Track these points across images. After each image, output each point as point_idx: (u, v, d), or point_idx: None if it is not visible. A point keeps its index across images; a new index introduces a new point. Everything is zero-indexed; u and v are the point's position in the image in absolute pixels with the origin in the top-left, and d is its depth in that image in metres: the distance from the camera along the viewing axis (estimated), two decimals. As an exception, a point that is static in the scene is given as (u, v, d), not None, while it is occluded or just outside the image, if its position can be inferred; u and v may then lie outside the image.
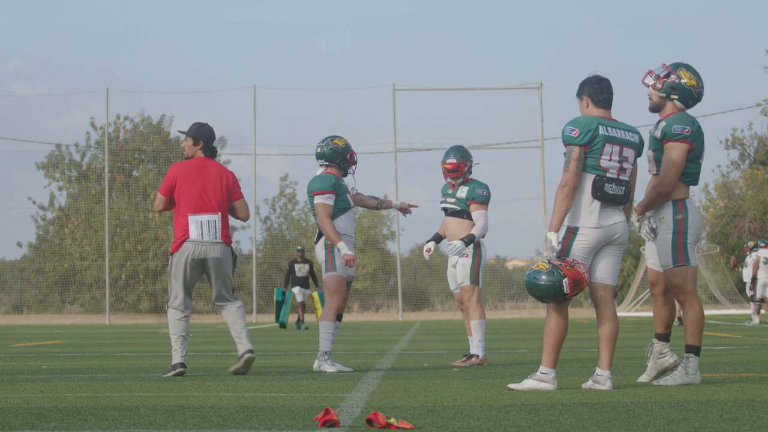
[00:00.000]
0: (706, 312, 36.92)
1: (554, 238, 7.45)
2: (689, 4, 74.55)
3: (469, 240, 10.81)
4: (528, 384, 7.53)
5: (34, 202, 44.41)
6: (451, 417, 5.93)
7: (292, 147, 67.29)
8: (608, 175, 7.50)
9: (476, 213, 10.92)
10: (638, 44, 73.08)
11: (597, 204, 7.51)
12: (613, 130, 7.55)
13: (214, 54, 73.90)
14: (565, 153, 7.56)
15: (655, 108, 8.07)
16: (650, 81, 8.06)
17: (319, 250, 10.04)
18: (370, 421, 5.50)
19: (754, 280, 26.22)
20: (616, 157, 7.52)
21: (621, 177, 7.55)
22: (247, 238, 43.42)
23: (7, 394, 7.56)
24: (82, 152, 44.45)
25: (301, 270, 26.76)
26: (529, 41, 74.35)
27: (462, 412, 6.15)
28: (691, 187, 8.14)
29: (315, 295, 24.62)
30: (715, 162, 57.52)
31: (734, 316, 32.63)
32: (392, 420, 5.49)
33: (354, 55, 75.96)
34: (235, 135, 74.84)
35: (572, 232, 7.51)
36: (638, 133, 7.70)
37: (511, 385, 7.62)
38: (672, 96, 7.99)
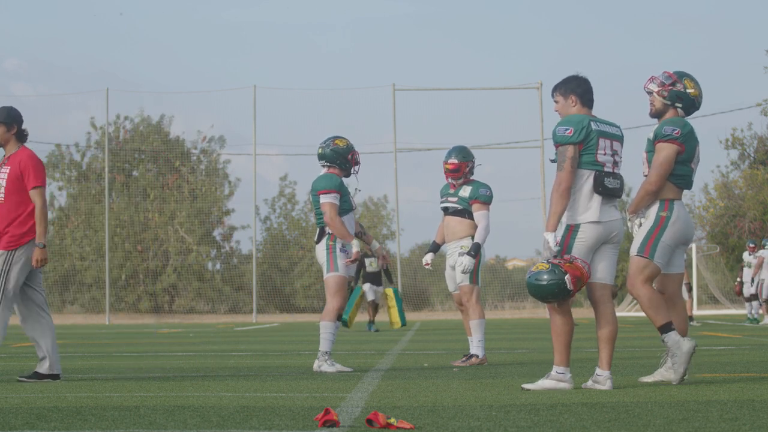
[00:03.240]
0: (706, 312, 36.96)
1: (551, 239, 7.46)
2: (689, 4, 74.56)
3: (476, 251, 10.79)
4: (546, 384, 7.51)
5: (34, 202, 44.38)
6: (451, 417, 5.93)
7: (292, 147, 67.29)
8: (605, 169, 7.55)
9: (478, 214, 10.90)
10: (638, 44, 73.09)
11: (597, 199, 7.54)
12: (602, 125, 7.63)
13: (214, 54, 73.89)
14: (556, 153, 7.59)
15: (657, 114, 8.19)
16: (655, 88, 8.14)
17: (320, 251, 10.02)
18: (370, 421, 5.50)
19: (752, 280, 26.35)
20: (609, 151, 7.60)
21: (615, 170, 7.63)
22: (247, 238, 43.41)
23: (7, 394, 7.56)
24: (82, 152, 44.45)
25: (372, 264, 24.13)
26: (529, 41, 74.36)
27: (462, 412, 6.15)
28: (686, 190, 8.19)
29: (389, 291, 23.17)
30: (715, 162, 57.51)
31: (734, 316, 32.64)
32: (392, 420, 5.49)
33: (354, 55, 75.97)
34: (235, 135, 74.77)
35: (573, 229, 7.53)
36: (619, 127, 7.77)
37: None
38: (677, 104, 8.11)
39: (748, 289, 26.48)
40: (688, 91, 8.14)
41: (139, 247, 42.82)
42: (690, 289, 24.56)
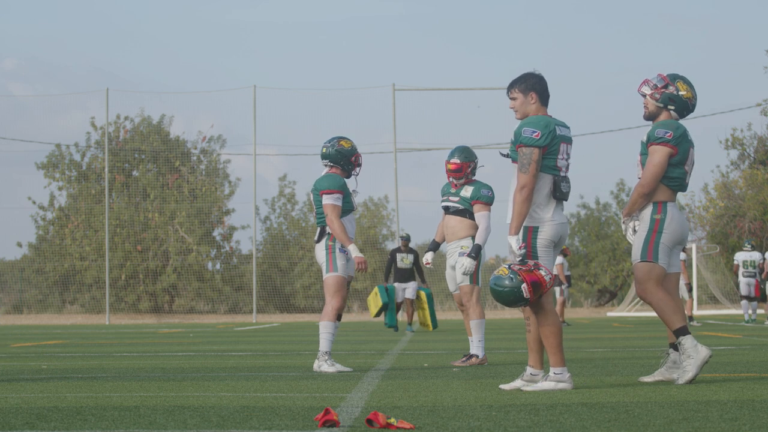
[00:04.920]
0: (706, 312, 36.97)
1: (515, 243, 7.49)
2: (689, 4, 74.55)
3: (476, 252, 10.80)
4: (546, 386, 7.51)
5: (34, 202, 44.40)
6: (451, 417, 5.94)
7: (291, 147, 67.27)
8: (561, 173, 7.62)
9: (479, 215, 10.90)
10: (637, 44, 73.07)
11: (553, 202, 7.62)
12: (562, 128, 7.70)
13: (214, 54, 73.86)
14: (512, 149, 7.62)
15: (651, 117, 8.24)
16: (647, 90, 8.19)
17: (320, 251, 10.02)
18: (370, 421, 5.50)
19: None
20: (565, 155, 7.68)
21: (567, 174, 7.70)
22: (247, 238, 43.40)
23: (7, 394, 7.56)
24: (82, 152, 44.43)
25: (404, 261, 23.20)
26: (528, 41, 74.34)
27: (462, 412, 6.15)
28: (682, 192, 8.22)
29: (422, 294, 22.31)
30: (715, 162, 57.55)
31: (734, 316, 32.66)
32: (392, 420, 5.49)
33: (354, 55, 75.94)
34: (235, 135, 74.75)
35: (532, 230, 7.56)
36: (569, 128, 7.82)
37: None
38: (669, 107, 8.15)
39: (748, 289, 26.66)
40: (680, 93, 8.16)
41: (139, 247, 42.82)
42: (690, 289, 24.61)
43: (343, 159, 10.10)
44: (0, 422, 5.87)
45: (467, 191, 10.99)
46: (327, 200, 9.91)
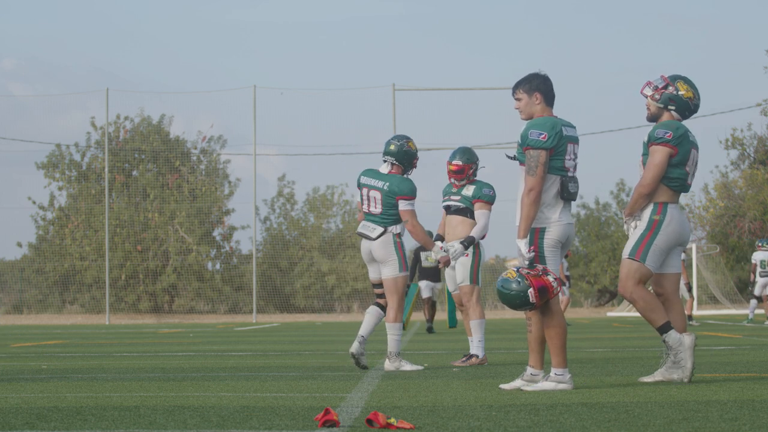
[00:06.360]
0: (706, 312, 36.98)
1: (524, 246, 7.49)
2: (689, 4, 74.55)
3: (469, 243, 10.80)
4: (546, 386, 7.52)
5: (34, 202, 44.39)
6: (451, 417, 5.94)
7: (291, 147, 67.24)
8: (569, 174, 7.62)
9: (479, 213, 10.92)
10: (637, 44, 73.08)
11: (561, 203, 7.63)
12: (568, 129, 7.70)
13: (214, 54, 73.86)
14: (519, 151, 7.61)
15: (653, 118, 8.26)
16: (649, 92, 8.22)
17: (386, 246, 9.90)
18: (370, 421, 5.51)
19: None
20: (573, 156, 7.68)
21: (575, 174, 7.69)
22: (247, 238, 43.41)
23: (7, 394, 7.57)
24: (82, 152, 44.43)
25: (428, 259, 22.44)
26: (528, 41, 74.33)
27: (462, 412, 6.15)
28: (683, 193, 8.24)
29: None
30: (715, 162, 57.53)
31: (734, 316, 32.66)
32: (392, 420, 5.49)
33: (354, 55, 75.92)
34: (235, 135, 74.74)
35: (539, 231, 7.56)
36: (575, 127, 7.82)
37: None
38: (669, 107, 8.18)
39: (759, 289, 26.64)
40: (680, 93, 8.18)
41: (139, 247, 42.81)
42: (690, 289, 24.61)
43: (408, 160, 10.14)
44: (0, 422, 5.87)
45: (469, 190, 11.00)
46: (406, 206, 9.92)
